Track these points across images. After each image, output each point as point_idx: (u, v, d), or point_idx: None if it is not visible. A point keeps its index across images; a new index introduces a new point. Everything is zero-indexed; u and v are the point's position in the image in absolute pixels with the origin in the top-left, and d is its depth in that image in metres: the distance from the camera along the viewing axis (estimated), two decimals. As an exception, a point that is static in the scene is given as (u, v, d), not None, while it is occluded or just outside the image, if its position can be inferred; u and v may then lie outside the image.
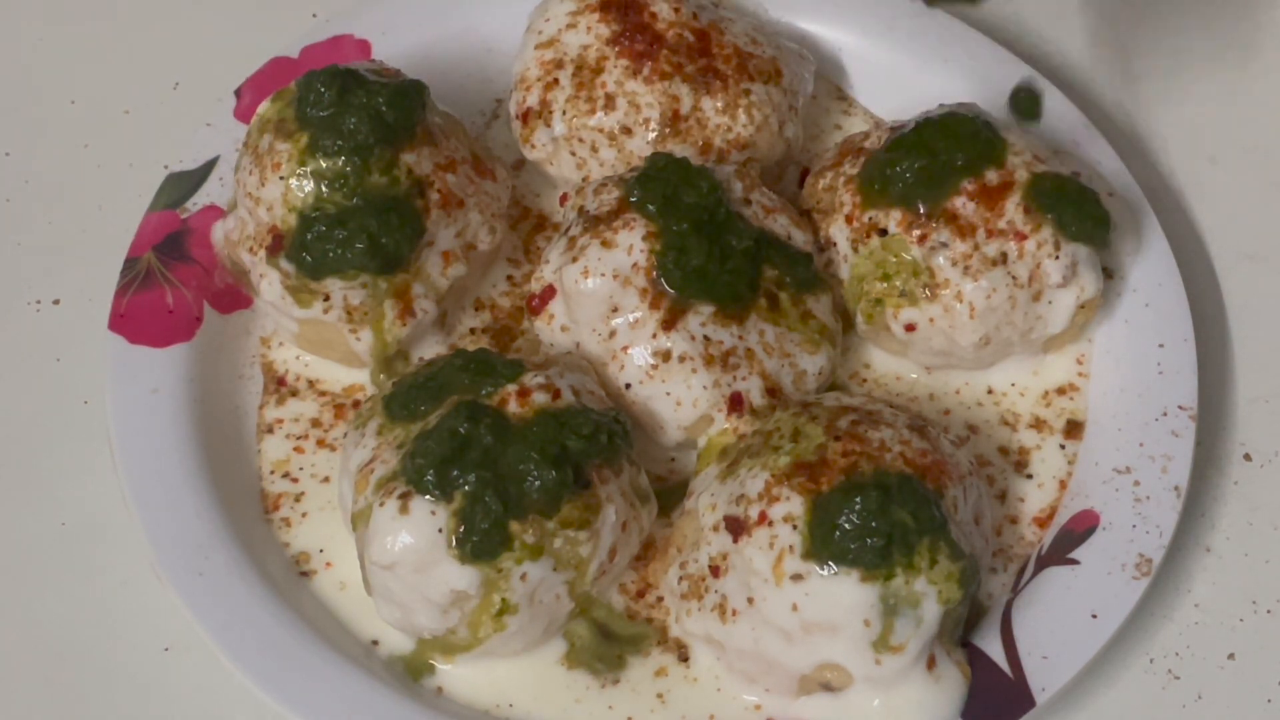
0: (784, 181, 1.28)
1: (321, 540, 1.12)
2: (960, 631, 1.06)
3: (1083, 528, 1.11)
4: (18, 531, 1.15)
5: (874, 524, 0.99)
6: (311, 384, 1.19)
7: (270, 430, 1.17)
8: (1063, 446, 1.17)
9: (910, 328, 1.16)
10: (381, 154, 1.13)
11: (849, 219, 1.17)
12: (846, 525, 0.99)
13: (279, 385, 1.19)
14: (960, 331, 1.15)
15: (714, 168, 1.17)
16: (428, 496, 1.01)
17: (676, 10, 1.22)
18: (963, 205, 1.14)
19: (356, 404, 1.18)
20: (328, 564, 1.12)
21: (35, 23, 1.43)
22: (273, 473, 1.15)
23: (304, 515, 1.14)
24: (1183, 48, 1.44)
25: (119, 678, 1.10)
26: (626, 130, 1.21)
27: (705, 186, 1.12)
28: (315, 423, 1.18)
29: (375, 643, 1.08)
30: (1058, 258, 1.14)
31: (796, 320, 1.14)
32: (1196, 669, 1.11)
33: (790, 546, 1.00)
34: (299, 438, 1.17)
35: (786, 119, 1.24)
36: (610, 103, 1.21)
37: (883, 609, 0.99)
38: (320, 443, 1.17)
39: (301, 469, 1.16)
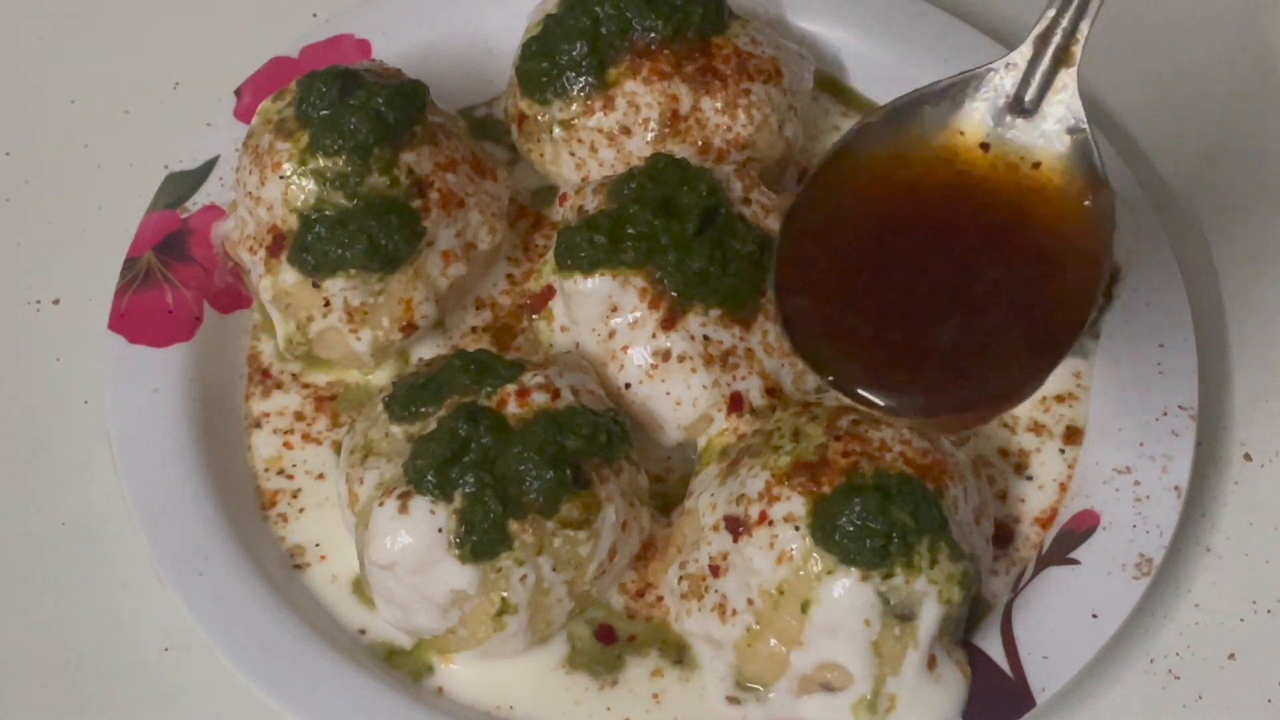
0: (784, 181, 1.28)
1: (318, 535, 1.12)
2: (960, 631, 1.06)
3: (1083, 528, 1.11)
4: (18, 531, 1.15)
5: (874, 524, 0.99)
6: (295, 376, 1.19)
7: (258, 424, 1.17)
8: (1062, 451, 1.17)
9: (910, 328, 1.16)
10: (381, 153, 1.13)
11: (849, 219, 1.17)
12: (847, 525, 0.99)
13: (264, 377, 1.19)
14: (960, 331, 1.15)
15: (714, 168, 1.17)
16: (427, 497, 1.01)
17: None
18: (963, 205, 1.13)
19: (333, 397, 1.18)
20: (322, 557, 1.12)
21: (35, 23, 1.43)
22: (268, 470, 1.15)
23: (301, 511, 1.14)
24: (1183, 48, 1.44)
25: (119, 678, 1.10)
26: (626, 130, 1.21)
27: (705, 188, 1.12)
28: (299, 416, 1.18)
29: (362, 631, 1.09)
30: (1058, 257, 1.14)
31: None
32: (1197, 669, 1.11)
33: (791, 547, 1.00)
34: (285, 432, 1.17)
35: (786, 119, 1.24)
36: (609, 103, 1.21)
37: (883, 609, 0.99)
38: (305, 437, 1.17)
39: (295, 465, 1.16)
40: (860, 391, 0.91)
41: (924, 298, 0.93)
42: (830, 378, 0.90)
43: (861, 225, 0.96)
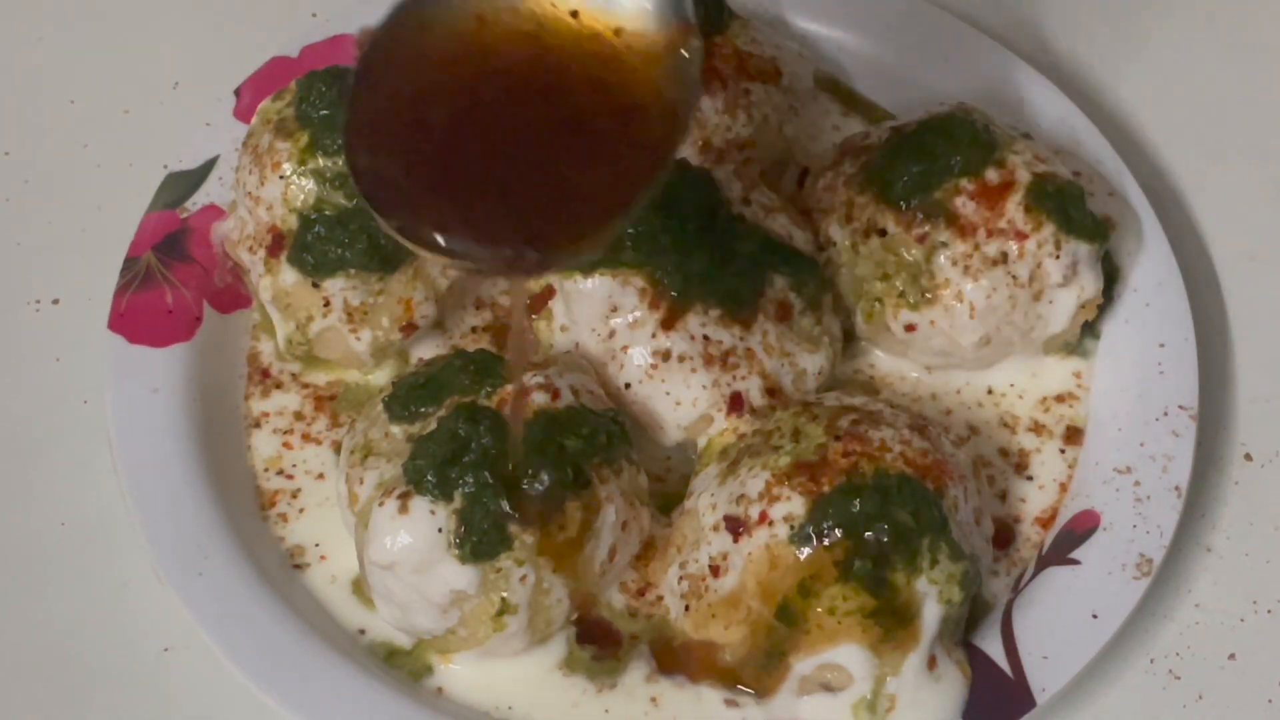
0: (784, 181, 1.28)
1: (318, 535, 1.12)
2: (960, 631, 1.06)
3: (1083, 528, 1.11)
4: (18, 531, 1.15)
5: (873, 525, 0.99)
6: (295, 376, 1.19)
7: (258, 424, 1.17)
8: (1062, 451, 1.17)
9: (910, 328, 1.16)
10: (381, 154, 1.13)
11: (848, 219, 1.17)
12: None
13: (264, 377, 1.19)
14: (960, 331, 1.15)
15: (714, 168, 1.17)
16: (427, 497, 1.01)
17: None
18: (963, 205, 1.14)
19: (333, 397, 1.18)
20: (322, 557, 1.12)
21: (35, 23, 1.43)
22: (267, 470, 1.15)
23: (301, 511, 1.14)
24: (1183, 47, 1.44)
25: (119, 678, 1.10)
26: (626, 130, 1.20)
27: (705, 187, 1.12)
28: (298, 416, 1.18)
29: (362, 631, 1.09)
30: (1058, 257, 1.14)
31: (800, 322, 1.14)
32: (1197, 669, 1.11)
33: (790, 546, 1.00)
34: (285, 432, 1.17)
35: (786, 119, 1.24)
36: (610, 102, 1.21)
37: (883, 609, 1.00)
38: (305, 437, 1.17)
39: (295, 465, 1.15)
40: (427, 237, 0.90)
41: (499, 153, 0.91)
42: (396, 225, 0.89)
43: (437, 76, 0.93)
